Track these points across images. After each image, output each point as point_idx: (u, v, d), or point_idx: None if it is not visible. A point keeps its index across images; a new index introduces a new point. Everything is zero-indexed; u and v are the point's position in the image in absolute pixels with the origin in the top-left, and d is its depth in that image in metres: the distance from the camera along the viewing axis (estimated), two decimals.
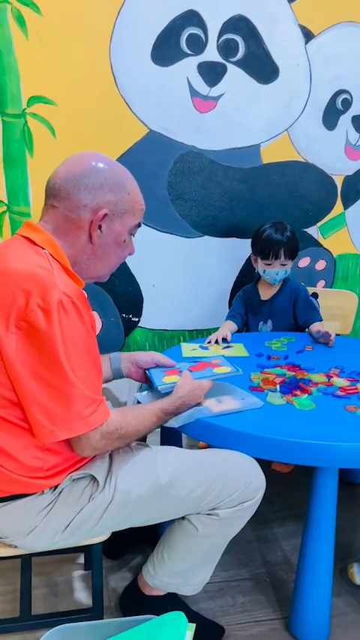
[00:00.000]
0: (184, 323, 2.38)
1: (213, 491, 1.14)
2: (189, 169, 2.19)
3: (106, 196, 1.07)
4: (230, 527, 1.20)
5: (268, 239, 1.98)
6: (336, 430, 1.20)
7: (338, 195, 2.44)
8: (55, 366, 0.95)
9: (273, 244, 1.97)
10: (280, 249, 1.97)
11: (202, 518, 1.16)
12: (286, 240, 1.98)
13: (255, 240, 2.06)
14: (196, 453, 1.21)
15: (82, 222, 1.07)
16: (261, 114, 2.23)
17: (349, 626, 1.39)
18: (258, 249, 2.02)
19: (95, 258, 1.12)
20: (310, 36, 2.20)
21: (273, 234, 1.98)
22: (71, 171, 1.08)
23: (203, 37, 2.07)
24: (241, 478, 1.16)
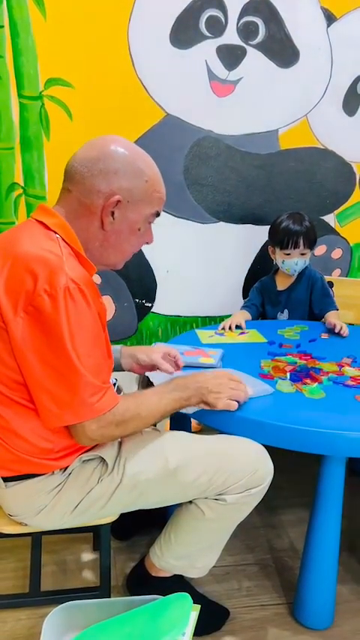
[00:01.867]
0: (197, 309, 2.38)
1: (221, 477, 1.15)
2: (205, 154, 2.18)
3: (121, 183, 1.05)
4: (237, 513, 1.21)
5: (287, 229, 1.96)
6: (345, 419, 1.20)
7: (357, 183, 2.40)
8: (61, 352, 0.95)
9: (292, 234, 1.95)
10: (299, 238, 1.95)
11: (210, 502, 1.17)
12: (304, 229, 1.96)
13: (273, 231, 2.03)
14: (205, 439, 1.22)
15: (95, 207, 1.05)
16: (280, 99, 2.19)
17: (353, 613, 1.40)
18: (276, 240, 2.00)
19: (108, 246, 1.10)
20: (333, 19, 2.15)
21: (291, 224, 1.96)
22: (88, 155, 1.06)
23: (223, 20, 2.04)
24: (249, 465, 1.16)
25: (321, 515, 1.27)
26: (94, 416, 1.00)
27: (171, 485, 1.15)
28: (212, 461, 1.15)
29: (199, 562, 1.27)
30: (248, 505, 1.20)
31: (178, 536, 1.24)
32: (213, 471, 1.14)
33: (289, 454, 1.24)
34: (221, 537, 1.26)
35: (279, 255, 2.01)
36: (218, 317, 2.39)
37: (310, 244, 1.98)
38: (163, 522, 1.33)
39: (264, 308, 2.13)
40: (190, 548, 1.25)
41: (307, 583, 1.32)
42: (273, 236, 2.03)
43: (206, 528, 1.21)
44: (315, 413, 1.22)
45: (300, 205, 2.33)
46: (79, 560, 1.58)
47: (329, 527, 1.27)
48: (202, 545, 1.25)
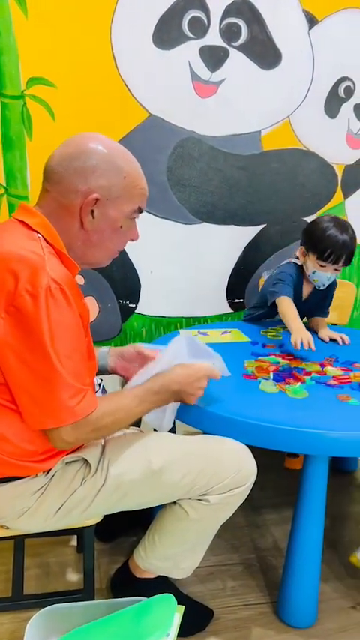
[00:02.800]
0: (182, 310, 2.38)
1: (204, 477, 1.15)
2: (188, 155, 2.18)
3: (99, 181, 1.03)
4: (221, 513, 1.21)
5: (334, 240, 1.73)
6: (328, 419, 1.21)
7: (338, 184, 2.43)
8: (41, 352, 0.94)
9: (337, 247, 1.73)
10: (343, 253, 1.74)
11: (193, 503, 1.17)
12: (350, 244, 1.75)
13: (313, 236, 1.79)
14: (188, 439, 1.22)
15: (74, 207, 1.04)
16: (262, 100, 2.20)
17: (335, 611, 1.41)
18: (316, 248, 1.77)
19: (91, 245, 1.08)
20: (314, 21, 2.17)
21: (339, 234, 1.73)
22: (64, 154, 1.04)
23: (205, 21, 2.05)
24: (233, 464, 1.17)
25: (305, 514, 1.28)
26: (74, 420, 0.98)
27: (155, 486, 1.15)
28: (196, 461, 1.15)
29: (183, 563, 1.27)
30: (232, 505, 1.20)
31: (162, 537, 1.23)
32: (197, 472, 1.14)
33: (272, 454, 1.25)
34: (205, 538, 1.26)
35: (312, 263, 1.80)
36: (202, 317, 2.40)
37: (349, 261, 1.78)
38: (147, 524, 1.32)
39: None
40: (174, 549, 1.25)
41: (290, 582, 1.33)
42: (313, 241, 1.79)
43: (190, 529, 1.21)
44: (298, 413, 1.23)
45: (283, 207, 2.35)
46: (62, 562, 1.57)
47: (313, 525, 1.28)
48: (187, 545, 1.25)
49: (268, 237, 2.38)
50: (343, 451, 1.21)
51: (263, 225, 2.36)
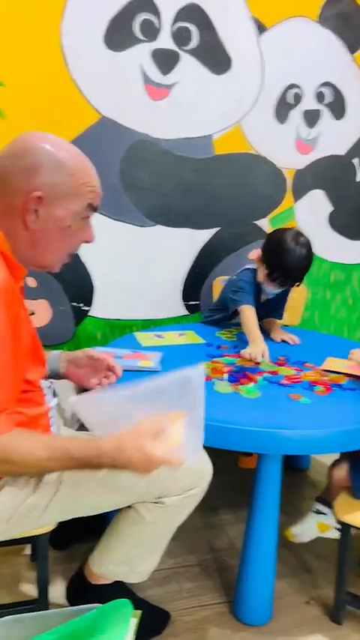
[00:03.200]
0: (137, 313, 2.37)
1: (160, 480, 1.14)
2: (142, 158, 2.17)
3: (42, 178, 0.98)
4: (177, 515, 1.21)
5: (287, 265, 1.71)
6: (280, 418, 1.23)
7: (288, 188, 2.48)
8: None
9: (288, 272, 1.73)
10: (291, 278, 1.75)
11: (149, 506, 1.17)
12: (301, 270, 1.75)
13: (270, 252, 1.77)
14: None
15: (17, 206, 0.98)
16: (214, 104, 2.23)
17: (290, 607, 1.44)
18: (269, 264, 1.76)
19: (37, 246, 1.03)
20: (263, 29, 2.22)
21: (293, 260, 1.71)
22: (9, 152, 1.00)
23: (157, 24, 2.05)
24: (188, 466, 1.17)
25: (259, 512, 1.30)
26: None
27: (110, 490, 1.14)
28: None
29: (139, 567, 1.26)
30: (188, 507, 1.20)
31: (118, 541, 1.22)
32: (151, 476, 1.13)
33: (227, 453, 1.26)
34: (162, 540, 1.26)
35: (262, 274, 1.81)
36: (158, 320, 2.40)
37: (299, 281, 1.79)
38: (102, 529, 1.31)
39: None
40: (131, 553, 1.24)
41: (246, 580, 1.35)
42: (268, 257, 1.77)
43: (146, 532, 1.20)
44: (251, 412, 1.25)
45: (236, 210, 2.38)
46: (16, 573, 1.53)
47: (267, 524, 1.30)
48: (143, 549, 1.24)
49: (222, 240, 2.40)
50: (296, 449, 1.23)
51: (217, 229, 2.39)
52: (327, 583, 1.51)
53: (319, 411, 1.28)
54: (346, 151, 2.54)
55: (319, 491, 1.95)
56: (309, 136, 2.43)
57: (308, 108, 2.38)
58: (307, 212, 2.55)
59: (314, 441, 1.19)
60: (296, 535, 1.54)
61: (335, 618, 1.39)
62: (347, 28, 2.36)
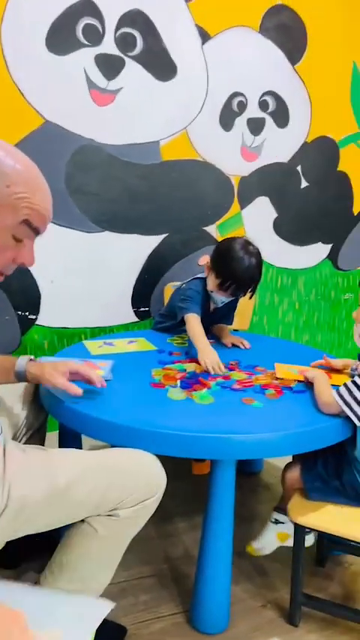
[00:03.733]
0: (85, 320, 2.33)
1: (113, 492, 1.11)
2: (87, 163, 2.14)
3: None
4: (131, 527, 1.18)
5: (237, 275, 1.71)
6: (233, 422, 1.23)
7: (235, 195, 2.51)
8: None
9: (238, 281, 1.72)
10: (241, 287, 1.75)
11: (102, 519, 1.13)
12: (251, 279, 1.73)
13: (219, 262, 1.76)
14: (95, 454, 1.18)
15: None
16: (160, 110, 2.23)
17: (246, 612, 1.43)
18: (218, 274, 1.75)
19: None
20: (207, 37, 2.25)
21: (243, 270, 1.70)
22: None
23: (100, 29, 2.03)
24: (142, 476, 1.15)
25: (214, 519, 1.29)
26: None
27: (61, 506, 1.10)
28: (104, 476, 1.12)
29: (93, 583, 1.22)
30: (142, 517, 1.18)
31: (71, 558, 1.18)
32: (105, 487, 1.10)
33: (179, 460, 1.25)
34: (116, 554, 1.22)
35: (212, 283, 1.79)
36: (107, 327, 2.36)
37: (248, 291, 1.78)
38: (53, 545, 1.26)
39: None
40: (84, 569, 1.19)
41: (202, 588, 1.33)
42: (218, 266, 1.76)
43: (100, 546, 1.16)
44: (205, 418, 1.24)
45: (183, 216, 2.39)
46: None
47: (222, 530, 1.29)
48: (97, 564, 1.20)
49: (171, 245, 2.40)
50: (250, 453, 1.23)
51: (166, 234, 2.39)
52: (283, 585, 1.52)
53: (272, 414, 1.29)
54: (289, 158, 2.60)
55: (272, 494, 1.97)
56: (254, 144, 2.48)
57: (252, 116, 2.43)
58: (254, 218, 2.59)
59: (268, 445, 1.19)
60: (258, 549, 1.54)
61: (291, 620, 1.40)
62: (288, 39, 2.43)
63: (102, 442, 1.28)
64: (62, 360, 1.39)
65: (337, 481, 1.35)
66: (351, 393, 1.25)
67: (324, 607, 1.42)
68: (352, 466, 1.35)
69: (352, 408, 1.25)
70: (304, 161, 2.64)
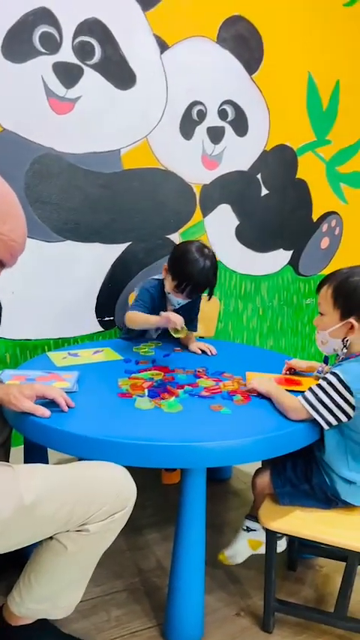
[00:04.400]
0: (49, 331, 2.28)
1: (82, 507, 1.08)
2: (47, 172, 2.11)
3: None
4: (102, 541, 1.15)
5: (191, 276, 1.75)
6: (203, 430, 1.22)
7: (197, 203, 2.53)
8: None
9: (193, 282, 1.76)
10: (196, 288, 1.79)
11: (72, 535, 1.10)
12: (205, 281, 1.78)
13: (175, 264, 1.80)
14: (62, 468, 1.15)
15: None
16: (120, 119, 2.22)
17: (221, 621, 1.42)
18: (174, 276, 1.79)
19: None
20: (165, 46, 2.26)
21: (197, 271, 1.74)
22: None
23: (57, 37, 2.01)
24: (111, 489, 1.12)
25: (186, 528, 1.27)
26: None
27: (29, 523, 1.06)
28: (72, 490, 1.09)
29: (63, 601, 1.19)
30: (113, 531, 1.15)
31: (39, 577, 1.14)
32: (73, 501, 1.07)
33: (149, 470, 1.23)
34: (86, 570, 1.19)
35: (169, 284, 1.83)
36: (72, 338, 2.32)
37: (204, 291, 1.84)
38: (21, 564, 1.22)
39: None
40: (54, 587, 1.16)
41: (175, 600, 1.31)
42: (173, 268, 1.80)
43: (70, 563, 1.13)
44: (174, 427, 1.23)
45: (146, 224, 2.38)
46: None
47: (194, 539, 1.28)
48: (66, 582, 1.17)
49: (134, 254, 2.39)
50: (220, 461, 1.22)
51: (129, 243, 2.37)
52: (256, 592, 1.52)
53: (240, 420, 1.28)
54: (249, 166, 2.64)
55: (242, 501, 1.97)
56: (214, 152, 2.50)
57: (212, 125, 2.45)
58: (217, 226, 2.61)
59: (238, 451, 1.19)
60: (230, 557, 1.53)
61: (265, 627, 1.39)
62: (245, 49, 2.47)
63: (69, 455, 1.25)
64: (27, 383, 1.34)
65: (307, 485, 1.36)
66: (317, 397, 1.27)
67: (297, 611, 1.42)
68: (321, 469, 1.36)
69: (319, 411, 1.26)
70: (264, 169, 2.68)
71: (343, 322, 1.31)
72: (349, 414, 1.25)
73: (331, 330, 1.34)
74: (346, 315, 1.30)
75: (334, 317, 1.33)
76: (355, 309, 1.29)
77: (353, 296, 1.29)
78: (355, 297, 1.29)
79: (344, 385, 1.23)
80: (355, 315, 1.29)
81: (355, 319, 1.29)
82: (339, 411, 1.25)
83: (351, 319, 1.29)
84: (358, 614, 1.45)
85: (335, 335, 1.33)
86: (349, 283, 1.30)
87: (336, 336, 1.33)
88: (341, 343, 1.33)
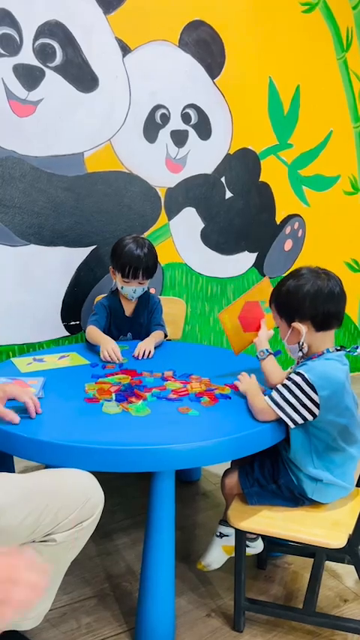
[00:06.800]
0: (13, 337, 2.24)
1: (48, 515, 1.06)
2: (9, 175, 2.08)
3: None
4: (70, 550, 1.13)
5: (130, 256, 1.91)
6: (171, 433, 1.22)
7: (162, 206, 2.53)
8: None
9: (132, 264, 1.90)
10: (138, 269, 1.92)
11: (38, 546, 1.07)
12: (145, 260, 1.92)
13: (114, 255, 1.97)
14: (28, 476, 1.13)
15: None
16: (82, 122, 2.21)
17: (192, 623, 1.42)
18: (117, 266, 1.95)
19: None
20: (127, 50, 2.26)
21: (133, 251, 1.91)
22: None
23: (17, 39, 1.99)
24: (78, 496, 1.10)
25: (155, 531, 1.27)
26: None
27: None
28: (37, 499, 1.06)
29: (32, 612, 1.16)
30: (81, 540, 1.13)
31: None
32: (39, 510, 1.05)
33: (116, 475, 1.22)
34: (55, 580, 1.17)
35: (118, 280, 1.98)
36: (37, 343, 2.29)
37: (149, 275, 1.97)
38: None
39: (109, 328, 2.06)
40: None
41: (146, 604, 1.31)
42: (114, 260, 1.97)
43: None
44: (142, 431, 1.23)
45: (110, 228, 2.37)
46: None
47: (164, 542, 1.28)
48: None
49: (99, 258, 2.38)
50: (188, 462, 1.23)
51: (94, 247, 2.36)
52: (226, 592, 1.53)
53: (208, 421, 1.29)
54: (213, 169, 2.66)
55: (212, 502, 1.98)
56: (178, 155, 2.51)
57: (175, 128, 2.46)
58: (182, 229, 2.62)
59: (207, 452, 1.19)
60: (207, 565, 1.54)
61: (236, 626, 1.40)
62: (206, 54, 2.49)
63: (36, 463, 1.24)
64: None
65: (274, 484, 1.38)
66: (283, 396, 1.29)
67: (267, 610, 1.44)
68: (288, 468, 1.38)
69: (285, 410, 1.28)
70: (228, 172, 2.71)
71: (290, 329, 1.34)
72: (314, 412, 1.27)
73: (286, 338, 1.37)
74: (290, 321, 1.34)
75: (283, 326, 1.38)
76: (295, 313, 1.33)
77: (287, 301, 1.33)
78: (289, 301, 1.33)
79: (309, 384, 1.26)
80: (297, 319, 1.32)
81: (298, 322, 1.32)
82: (304, 410, 1.27)
83: (294, 323, 1.33)
84: (327, 609, 1.48)
85: (291, 341, 1.37)
86: (282, 291, 1.34)
87: (292, 342, 1.37)
88: (298, 347, 1.36)
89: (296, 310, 1.32)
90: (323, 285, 1.30)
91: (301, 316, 1.32)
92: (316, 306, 1.30)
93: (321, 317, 1.31)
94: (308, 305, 1.30)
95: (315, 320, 1.31)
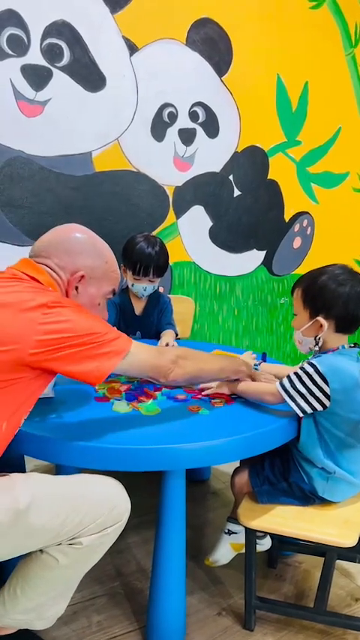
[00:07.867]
0: None
1: (76, 518, 1.06)
2: (18, 175, 2.09)
3: (85, 261, 1.18)
4: (93, 555, 1.13)
5: (141, 254, 1.92)
6: (182, 432, 1.22)
7: (170, 204, 2.53)
8: None
9: (143, 261, 1.92)
10: (149, 267, 1.93)
11: (64, 548, 1.07)
12: (156, 258, 1.93)
13: (125, 253, 1.97)
14: (58, 479, 1.13)
15: (62, 281, 1.16)
16: (90, 121, 2.21)
17: (203, 622, 1.43)
18: (129, 264, 1.96)
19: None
20: (135, 49, 2.25)
21: (145, 249, 1.92)
22: (51, 239, 1.19)
23: (25, 39, 1.99)
24: (106, 503, 1.10)
25: (166, 530, 1.27)
26: None
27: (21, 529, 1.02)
28: (66, 501, 1.06)
29: (47, 612, 1.17)
30: (105, 545, 1.13)
31: (26, 588, 1.11)
32: (67, 513, 1.05)
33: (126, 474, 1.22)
34: (74, 582, 1.18)
35: (129, 278, 1.98)
36: None
37: (160, 272, 1.98)
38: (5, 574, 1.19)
39: (119, 326, 2.06)
40: (40, 599, 1.14)
41: (157, 602, 1.31)
42: (126, 257, 1.97)
43: (59, 576, 1.11)
44: (153, 430, 1.23)
45: (119, 226, 2.37)
46: None
47: (175, 540, 1.28)
48: (53, 594, 1.15)
49: None
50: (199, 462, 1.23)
51: None
52: (237, 591, 1.53)
53: (218, 421, 1.29)
54: (221, 168, 2.65)
55: (222, 501, 1.98)
56: (186, 154, 2.51)
57: (183, 126, 2.46)
58: (190, 227, 2.62)
59: (218, 451, 1.19)
60: (215, 561, 1.54)
61: (247, 625, 1.40)
62: (214, 51, 2.48)
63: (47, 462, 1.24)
64: None
65: (285, 483, 1.37)
66: (293, 385, 1.28)
67: (278, 608, 1.44)
68: (298, 466, 1.38)
69: (294, 398, 1.28)
70: (236, 170, 2.70)
71: (312, 321, 1.34)
72: (325, 403, 1.26)
73: (303, 329, 1.36)
74: (315, 314, 1.33)
75: (304, 316, 1.36)
76: (322, 308, 1.32)
77: (319, 295, 1.32)
78: (321, 296, 1.32)
79: (320, 375, 1.26)
80: (322, 314, 1.32)
81: (323, 317, 1.32)
82: (314, 400, 1.27)
83: (319, 318, 1.32)
84: (338, 608, 1.47)
85: (307, 334, 1.36)
86: (316, 284, 1.33)
87: (308, 334, 1.36)
88: (314, 341, 1.35)
89: (327, 307, 1.31)
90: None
91: (329, 314, 1.31)
92: (348, 309, 1.30)
93: (348, 320, 1.31)
94: (340, 306, 1.30)
95: (340, 321, 1.31)
